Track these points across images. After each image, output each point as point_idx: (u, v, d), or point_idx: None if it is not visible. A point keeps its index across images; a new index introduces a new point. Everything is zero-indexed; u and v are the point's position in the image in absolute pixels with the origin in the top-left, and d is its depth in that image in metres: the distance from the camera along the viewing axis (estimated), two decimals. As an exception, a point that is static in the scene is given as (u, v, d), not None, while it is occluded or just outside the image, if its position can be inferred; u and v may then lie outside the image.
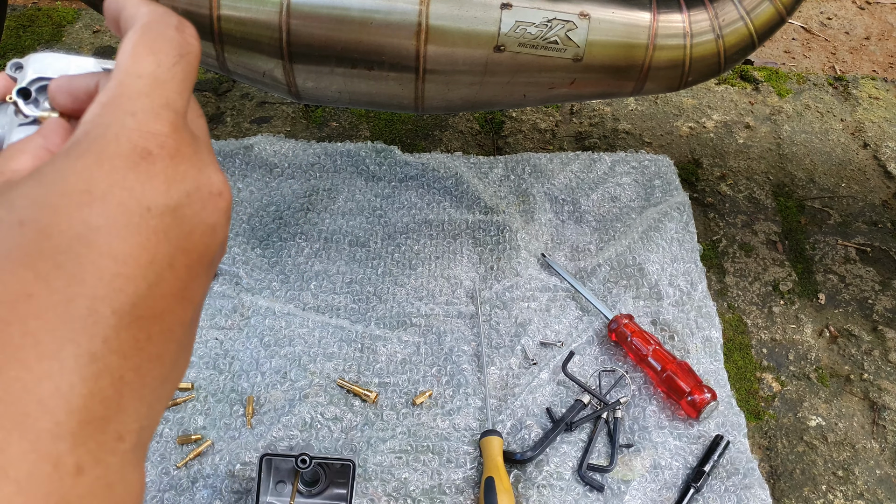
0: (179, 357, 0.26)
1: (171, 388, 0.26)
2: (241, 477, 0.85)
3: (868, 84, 1.49)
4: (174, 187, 0.25)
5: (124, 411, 0.23)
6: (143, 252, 0.24)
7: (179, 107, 0.26)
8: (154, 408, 0.25)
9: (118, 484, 0.23)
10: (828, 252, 1.17)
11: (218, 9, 0.81)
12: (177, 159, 0.25)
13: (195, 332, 0.28)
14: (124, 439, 0.23)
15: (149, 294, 0.24)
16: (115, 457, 0.23)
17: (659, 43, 0.85)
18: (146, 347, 0.24)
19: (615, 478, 0.87)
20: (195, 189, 0.25)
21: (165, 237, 0.24)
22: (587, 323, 1.02)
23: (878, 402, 0.98)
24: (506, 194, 1.19)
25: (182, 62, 0.27)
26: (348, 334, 0.99)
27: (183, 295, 0.25)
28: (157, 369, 0.25)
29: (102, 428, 0.22)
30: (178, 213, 0.25)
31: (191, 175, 0.25)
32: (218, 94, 1.40)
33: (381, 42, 0.82)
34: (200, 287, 0.27)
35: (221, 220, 0.27)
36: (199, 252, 0.26)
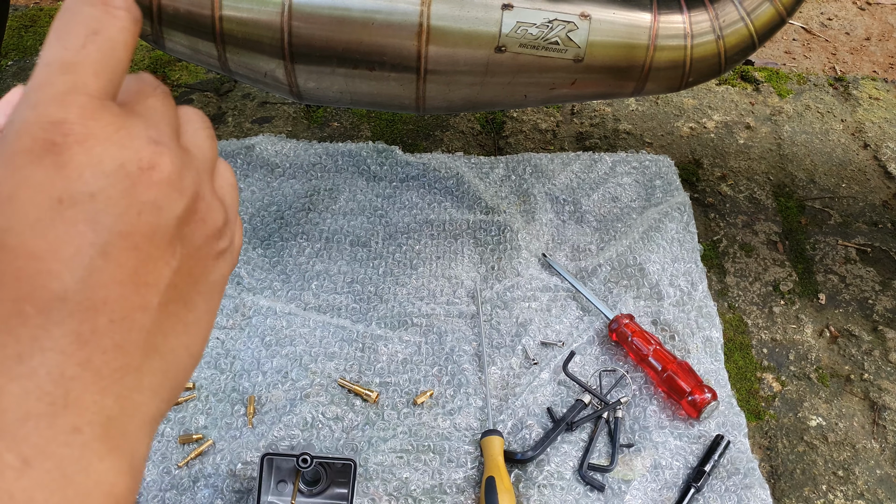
0: (157, 342, 0.25)
1: (159, 373, 0.25)
2: (242, 476, 0.85)
3: (868, 84, 1.49)
4: (89, 172, 0.23)
5: (77, 405, 0.23)
6: (62, 245, 0.23)
7: (95, 88, 0.24)
8: (128, 397, 0.24)
9: (78, 473, 0.22)
10: (828, 252, 1.17)
11: (220, 9, 0.81)
12: (89, 143, 0.23)
13: (188, 312, 0.27)
14: (82, 430, 0.23)
15: (79, 286, 0.23)
16: (70, 448, 0.22)
17: (660, 44, 0.86)
18: (92, 340, 0.23)
19: (616, 477, 0.87)
20: (117, 169, 0.23)
21: (89, 225, 0.23)
22: (588, 323, 1.02)
23: (879, 402, 0.98)
24: (507, 194, 1.19)
25: (97, 39, 0.24)
26: (349, 334, 0.99)
27: (134, 280, 0.24)
28: (115, 360, 0.24)
29: (49, 423, 0.22)
30: (99, 197, 0.23)
31: (109, 155, 0.23)
32: (219, 94, 1.40)
33: (383, 42, 0.82)
34: (163, 267, 0.25)
35: (162, 193, 0.24)
36: (143, 233, 0.24)
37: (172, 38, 0.85)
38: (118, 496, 0.23)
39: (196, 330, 0.27)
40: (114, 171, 0.23)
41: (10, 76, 1.41)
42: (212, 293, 0.28)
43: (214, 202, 0.27)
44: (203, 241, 0.27)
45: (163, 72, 1.44)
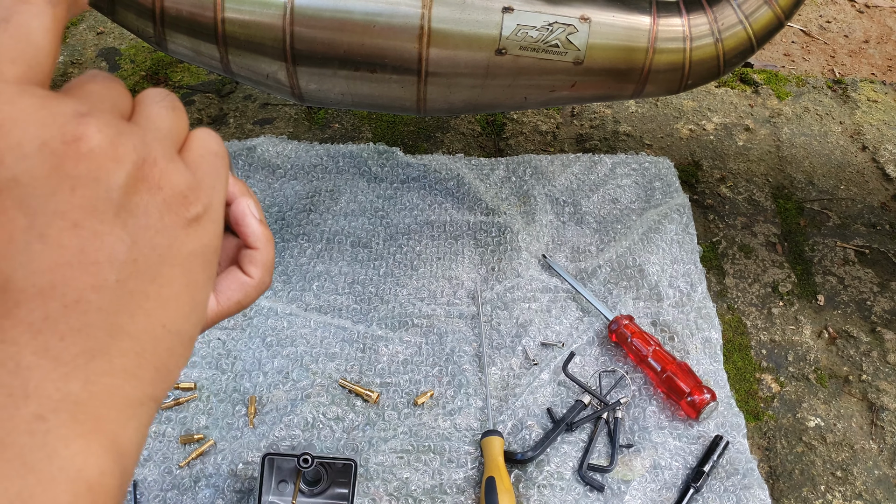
0: (121, 322, 0.24)
1: (131, 354, 0.24)
2: (243, 476, 0.85)
3: (867, 87, 1.50)
4: (9, 157, 0.22)
5: (37, 394, 0.22)
6: None
7: (11, 75, 0.23)
8: (96, 382, 0.23)
9: (40, 461, 0.22)
10: (827, 254, 1.17)
11: (222, 11, 0.82)
12: (6, 127, 0.22)
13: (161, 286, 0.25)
14: (46, 418, 0.22)
15: (23, 273, 0.22)
16: (32, 437, 0.22)
17: (659, 46, 0.86)
18: (45, 328, 0.23)
19: (615, 478, 0.87)
20: (39, 147, 0.23)
21: (20, 210, 0.22)
22: (588, 324, 1.02)
23: (877, 402, 0.99)
24: (507, 196, 1.20)
25: (8, 28, 0.24)
26: (350, 335, 1.00)
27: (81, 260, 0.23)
28: (75, 345, 0.23)
29: (10, 413, 0.22)
30: (23, 179, 0.22)
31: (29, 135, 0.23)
32: (221, 95, 1.40)
33: (384, 45, 0.82)
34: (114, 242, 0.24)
35: (95, 164, 0.23)
36: (81, 208, 0.23)
37: (175, 40, 0.85)
38: (89, 481, 0.23)
39: (174, 305, 0.26)
40: (36, 150, 0.22)
41: (12, 77, 1.42)
42: (190, 265, 0.26)
43: (174, 168, 0.26)
44: (163, 209, 0.25)
45: (164, 73, 1.45)
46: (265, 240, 0.35)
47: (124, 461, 0.24)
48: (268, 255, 0.35)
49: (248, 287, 0.35)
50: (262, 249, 0.35)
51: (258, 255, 0.35)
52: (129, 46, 1.51)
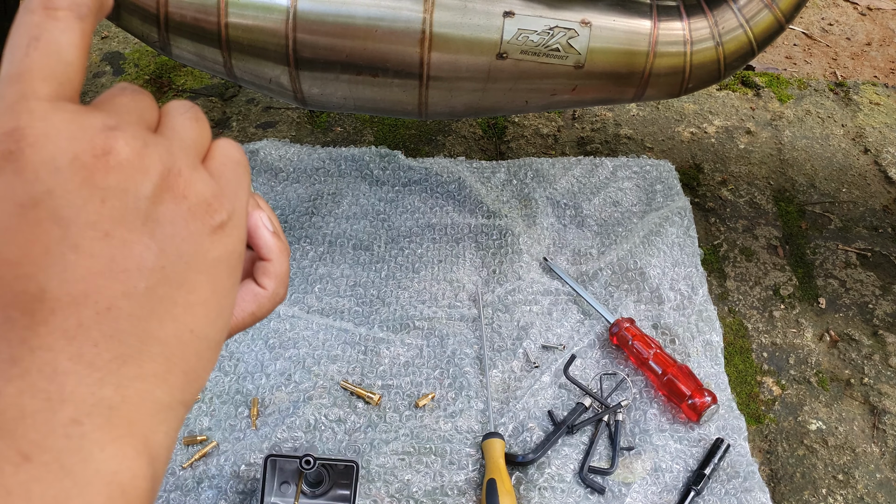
0: (151, 328, 0.25)
1: (160, 358, 0.25)
2: (245, 478, 0.86)
3: (869, 90, 1.50)
4: (44, 171, 0.23)
5: (73, 398, 0.23)
6: (31, 247, 0.23)
7: (44, 92, 0.24)
8: (128, 386, 0.24)
9: (77, 465, 0.22)
10: (828, 257, 1.17)
11: (225, 16, 0.83)
12: (40, 143, 0.24)
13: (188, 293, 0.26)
14: (82, 422, 0.23)
15: (58, 283, 0.23)
16: (69, 440, 0.22)
17: (659, 50, 0.86)
18: (79, 335, 0.23)
19: (616, 480, 0.88)
20: (71, 161, 0.24)
21: (54, 222, 0.23)
22: (589, 326, 1.03)
23: (879, 406, 0.99)
24: (508, 198, 1.20)
25: (39, 45, 0.25)
26: (352, 337, 1.00)
27: (111, 269, 0.24)
28: (108, 351, 0.24)
29: (46, 417, 0.22)
30: (57, 192, 0.23)
31: (61, 150, 0.24)
32: (224, 98, 1.41)
33: (386, 49, 0.83)
34: (142, 251, 0.24)
35: (124, 176, 0.24)
36: (111, 218, 0.24)
37: (179, 44, 0.86)
38: (123, 484, 0.23)
39: (202, 311, 0.26)
40: (68, 164, 0.23)
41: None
42: (216, 271, 0.27)
43: (198, 177, 0.26)
44: (188, 218, 0.26)
45: (168, 77, 1.46)
46: (278, 251, 0.35)
47: (155, 464, 0.25)
48: (281, 267, 0.36)
49: (262, 298, 0.35)
50: (275, 261, 0.35)
51: (271, 266, 0.35)
52: (133, 50, 1.51)
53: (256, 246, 0.35)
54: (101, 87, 1.43)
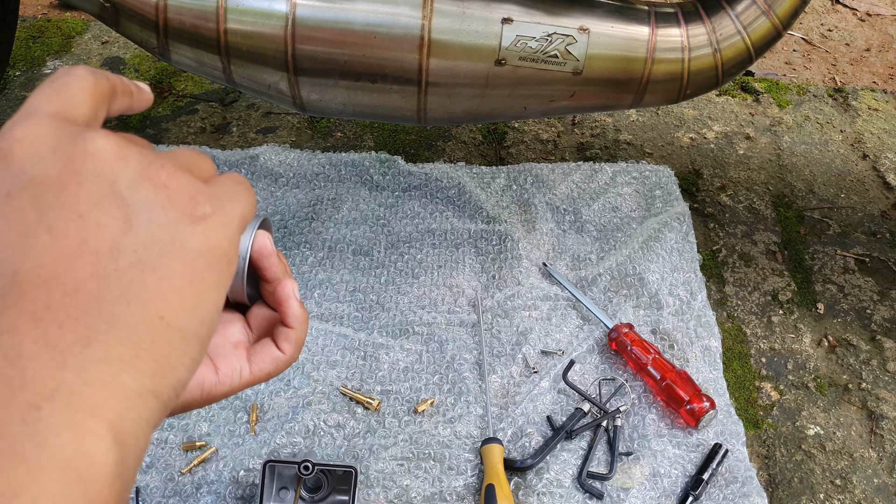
0: (120, 311, 0.25)
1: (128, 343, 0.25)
2: (244, 483, 0.86)
3: (868, 95, 1.50)
4: (28, 162, 0.25)
5: (33, 383, 0.23)
6: (11, 231, 0.24)
7: (46, 110, 0.27)
8: (91, 369, 0.24)
9: (30, 451, 0.22)
10: (827, 262, 1.18)
11: (224, 23, 0.83)
12: (27, 141, 0.26)
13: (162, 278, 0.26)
14: (40, 406, 0.23)
15: (31, 264, 0.24)
16: (25, 426, 0.22)
17: (657, 56, 0.87)
18: (46, 316, 0.24)
19: (614, 485, 0.88)
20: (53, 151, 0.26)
21: (33, 207, 0.25)
22: (588, 332, 1.03)
23: (876, 411, 0.99)
24: (508, 204, 1.20)
25: (52, 84, 0.28)
26: (351, 342, 1.00)
27: (82, 248, 0.25)
28: (74, 332, 0.24)
29: (6, 403, 0.22)
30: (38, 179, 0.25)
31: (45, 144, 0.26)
32: (224, 104, 1.42)
33: (384, 56, 0.83)
34: (114, 233, 0.25)
35: (101, 162, 0.26)
36: (86, 201, 0.25)
37: (178, 50, 0.86)
38: (80, 469, 0.23)
39: (176, 299, 0.26)
40: (49, 154, 0.25)
41: (18, 86, 1.43)
42: (195, 262, 0.27)
43: (182, 174, 0.27)
44: (167, 206, 0.26)
45: (168, 82, 1.46)
46: (302, 320, 0.38)
47: (122, 451, 0.24)
48: (302, 334, 0.38)
49: (280, 362, 0.37)
50: (297, 329, 0.38)
51: (293, 334, 0.38)
52: (133, 55, 1.52)
53: (284, 314, 0.38)
54: (102, 92, 1.43)
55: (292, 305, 0.38)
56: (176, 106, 1.41)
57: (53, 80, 0.29)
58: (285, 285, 0.37)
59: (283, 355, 0.37)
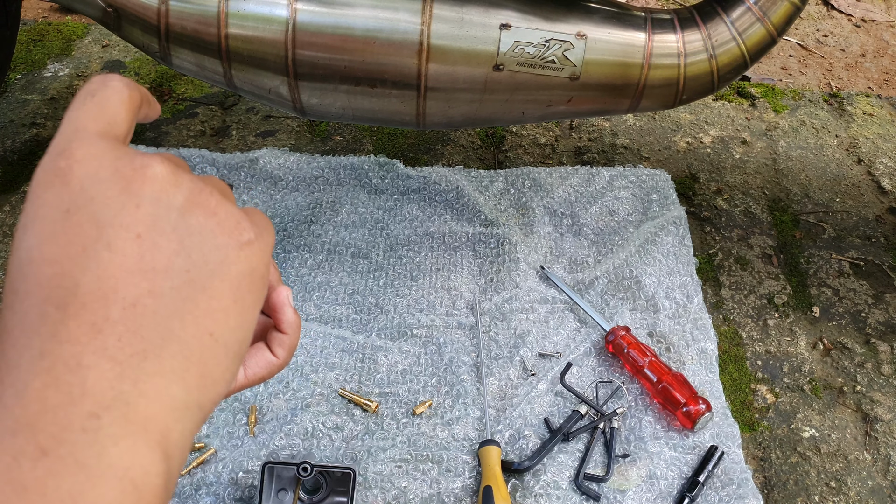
0: (173, 326, 0.26)
1: (179, 357, 0.26)
2: (243, 485, 0.86)
3: (863, 101, 1.52)
4: (88, 181, 0.26)
5: (93, 392, 0.24)
6: (71, 246, 0.25)
7: (92, 128, 0.28)
8: (147, 381, 0.25)
9: (90, 459, 0.23)
10: (822, 266, 1.18)
11: (226, 27, 0.84)
12: (87, 160, 0.27)
13: (209, 298, 0.28)
14: (99, 416, 0.24)
15: (89, 278, 0.25)
16: (86, 434, 0.23)
17: (654, 62, 0.88)
18: (106, 328, 0.25)
19: (611, 487, 0.88)
20: (113, 173, 0.27)
21: (92, 224, 0.26)
22: (585, 334, 1.03)
23: (871, 413, 1.00)
24: (506, 207, 1.21)
25: (93, 99, 0.30)
26: (350, 345, 1.01)
27: (140, 268, 0.26)
28: (130, 346, 0.25)
29: (66, 411, 0.23)
30: (98, 199, 0.26)
31: (105, 166, 0.27)
32: (224, 107, 1.42)
33: (384, 61, 0.84)
34: (170, 254, 0.27)
35: (157, 188, 0.27)
36: (144, 223, 0.26)
37: (179, 55, 0.87)
38: (135, 479, 0.24)
39: (222, 317, 0.28)
40: (110, 175, 0.27)
41: (19, 90, 1.44)
42: (239, 284, 0.29)
43: (228, 203, 0.29)
44: (217, 230, 0.28)
45: (168, 85, 1.47)
46: (295, 326, 0.39)
47: (170, 462, 0.26)
48: (295, 340, 0.39)
49: (273, 366, 0.39)
50: (291, 335, 0.39)
51: (287, 339, 0.39)
52: (133, 59, 1.53)
53: (279, 320, 0.39)
54: (102, 95, 1.44)
55: (287, 312, 0.39)
56: (176, 109, 1.41)
57: (93, 93, 0.30)
58: (280, 292, 0.38)
59: (277, 360, 0.39)
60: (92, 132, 0.28)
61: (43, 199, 0.26)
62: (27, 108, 1.39)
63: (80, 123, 0.28)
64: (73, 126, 0.28)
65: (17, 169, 1.28)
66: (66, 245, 0.25)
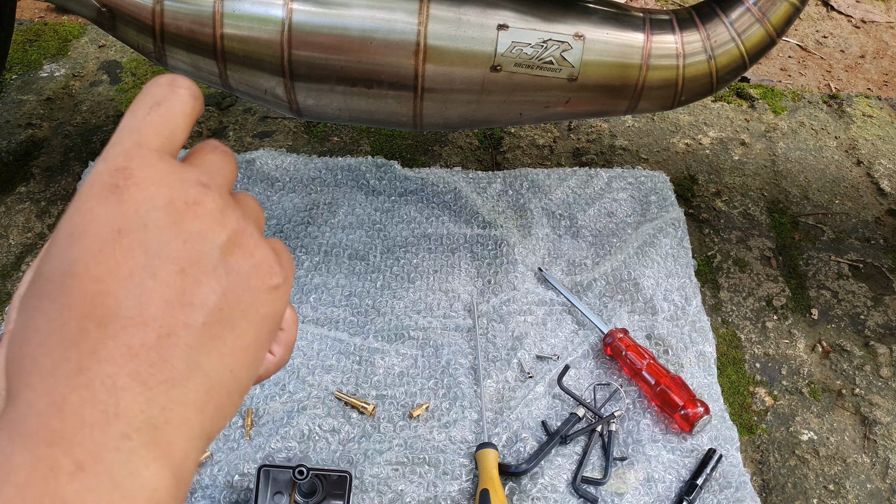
0: (199, 360, 0.27)
1: (201, 390, 0.27)
2: (239, 488, 0.86)
3: (862, 102, 1.51)
4: (143, 207, 0.27)
5: (125, 413, 0.25)
6: (119, 268, 0.26)
7: (155, 144, 0.29)
8: (172, 409, 0.26)
9: (126, 478, 0.24)
10: (821, 268, 1.18)
11: (221, 28, 0.83)
12: (145, 184, 0.27)
13: (235, 338, 0.29)
14: (131, 437, 0.25)
15: (132, 303, 0.26)
16: (119, 453, 0.24)
17: (652, 63, 0.87)
18: (141, 353, 0.26)
19: (609, 490, 0.88)
20: (167, 204, 0.27)
21: (142, 250, 0.26)
22: (583, 337, 1.03)
23: (870, 416, 0.99)
24: (504, 209, 1.21)
25: (159, 109, 0.30)
26: (347, 347, 1.00)
27: (180, 300, 0.27)
28: (161, 373, 0.26)
29: (102, 430, 0.24)
30: (149, 228, 0.27)
31: (161, 194, 0.27)
32: (221, 108, 1.42)
33: (381, 61, 0.84)
34: (207, 290, 0.27)
35: (206, 225, 0.28)
36: (188, 258, 0.27)
37: (174, 55, 0.86)
38: (160, 502, 0.25)
39: (243, 356, 0.29)
40: (164, 205, 0.27)
41: (15, 90, 1.43)
42: (262, 326, 0.30)
43: (264, 244, 0.30)
44: (251, 273, 0.29)
45: (165, 86, 1.46)
46: (292, 322, 0.39)
47: (181, 488, 0.27)
48: (292, 337, 0.39)
49: (270, 364, 0.39)
50: (288, 331, 0.39)
51: (284, 335, 0.39)
52: (130, 59, 1.52)
53: None
54: (98, 95, 1.43)
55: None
56: (172, 110, 1.41)
57: (159, 101, 0.30)
58: None
59: (274, 357, 0.39)
60: (153, 149, 0.28)
61: (95, 213, 0.27)
62: (23, 109, 1.39)
63: (143, 137, 0.29)
64: (134, 139, 0.29)
65: (13, 170, 1.27)
66: (113, 266, 0.26)
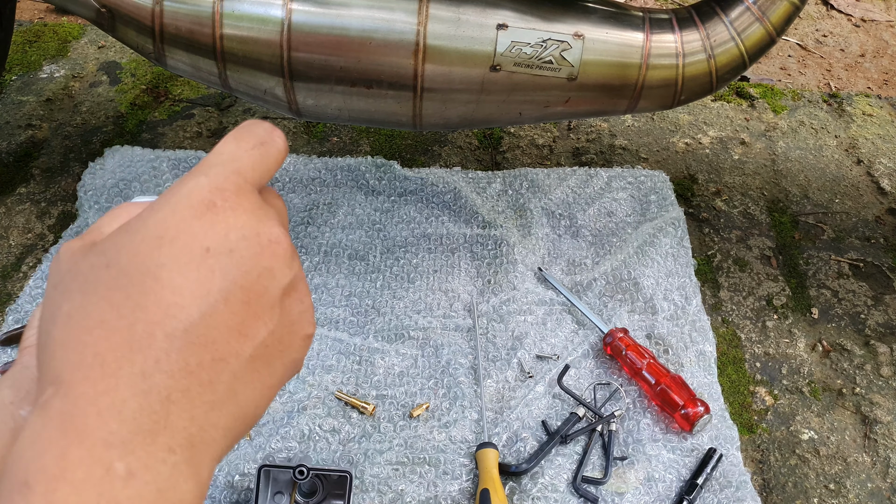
0: (238, 389, 0.28)
1: (231, 417, 0.28)
2: (239, 488, 0.86)
3: (862, 101, 1.51)
4: (233, 233, 0.28)
5: (172, 427, 0.26)
6: (198, 285, 0.27)
7: (250, 177, 0.30)
8: (207, 430, 0.27)
9: (170, 490, 0.25)
10: (821, 267, 1.18)
11: (220, 28, 0.83)
12: (237, 211, 0.29)
13: (268, 375, 0.30)
14: (175, 451, 0.25)
15: (201, 322, 0.27)
16: (165, 466, 0.25)
17: (652, 62, 0.87)
18: (196, 372, 0.27)
19: (609, 490, 0.88)
20: (253, 235, 0.29)
21: (221, 274, 0.27)
22: (583, 336, 1.03)
23: (870, 415, 0.99)
24: (503, 209, 1.21)
25: (261, 148, 0.31)
26: (347, 347, 1.00)
27: (239, 329, 0.28)
28: (206, 394, 0.27)
29: (152, 439, 0.25)
30: (234, 254, 0.28)
31: (250, 225, 0.29)
32: (220, 109, 1.42)
33: (380, 61, 0.84)
34: (262, 325, 0.29)
35: (279, 265, 0.29)
36: (256, 291, 0.28)
37: (174, 56, 0.86)
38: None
39: (268, 393, 0.30)
40: (250, 236, 0.29)
41: (14, 91, 1.43)
42: (288, 369, 0.31)
43: (309, 293, 0.32)
44: (298, 319, 0.31)
45: (165, 87, 1.46)
46: None
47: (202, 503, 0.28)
48: None
49: None
50: None
51: None
52: (129, 60, 1.52)
53: None
54: (98, 96, 1.43)
55: None
56: (172, 111, 1.41)
57: (263, 142, 0.32)
58: None
59: None
60: (250, 181, 0.30)
61: (189, 224, 0.28)
62: (23, 110, 1.39)
63: (243, 166, 0.30)
64: (235, 166, 0.30)
65: (13, 170, 1.27)
66: (194, 283, 0.27)
